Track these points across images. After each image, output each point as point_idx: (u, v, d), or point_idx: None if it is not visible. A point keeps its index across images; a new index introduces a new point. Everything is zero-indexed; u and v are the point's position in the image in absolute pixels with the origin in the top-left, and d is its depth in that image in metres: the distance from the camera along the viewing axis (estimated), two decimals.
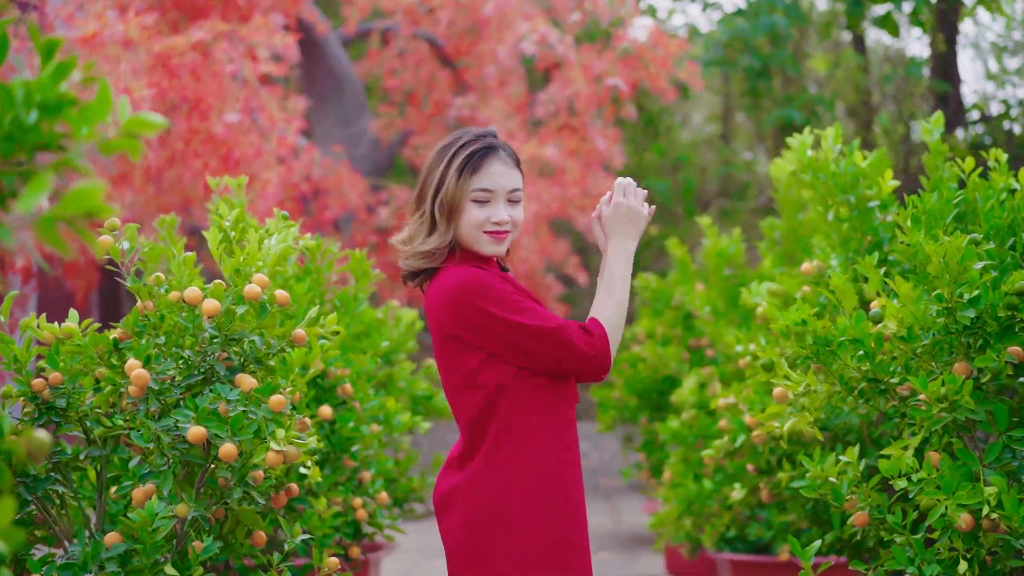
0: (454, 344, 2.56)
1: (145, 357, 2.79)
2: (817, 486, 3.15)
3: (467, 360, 2.54)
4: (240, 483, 2.83)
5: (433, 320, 2.58)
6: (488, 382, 2.53)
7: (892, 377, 3.08)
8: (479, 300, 2.51)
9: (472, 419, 2.56)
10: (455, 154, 2.60)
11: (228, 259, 3.05)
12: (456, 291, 2.53)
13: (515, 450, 2.52)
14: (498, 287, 2.54)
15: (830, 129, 4.21)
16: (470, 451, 2.56)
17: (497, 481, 2.51)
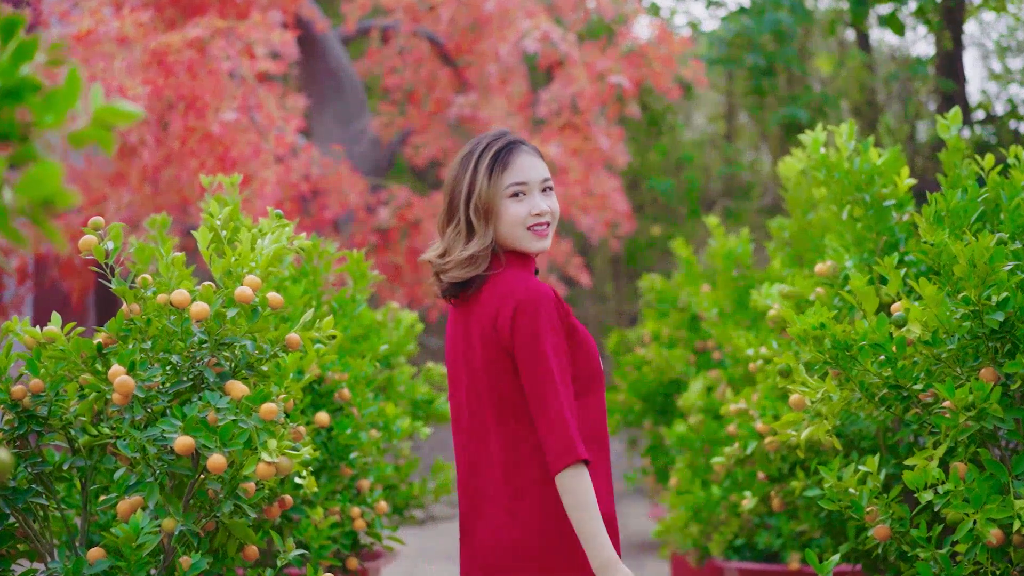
0: (510, 361, 2.48)
1: (130, 363, 2.64)
2: (836, 497, 3.00)
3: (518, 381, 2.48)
4: (230, 495, 2.69)
5: (492, 329, 2.49)
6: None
7: (915, 383, 2.93)
8: (538, 318, 2.45)
9: (521, 454, 2.48)
10: (480, 156, 2.54)
11: (219, 260, 2.91)
12: (524, 298, 2.46)
13: (536, 478, 2.48)
14: (555, 316, 2.47)
15: (844, 125, 4.07)
16: (517, 491, 2.47)
17: (556, 516, 2.45)
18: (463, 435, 2.57)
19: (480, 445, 2.52)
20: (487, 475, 2.51)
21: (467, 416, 2.55)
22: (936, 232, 2.94)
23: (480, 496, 2.52)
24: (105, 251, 2.82)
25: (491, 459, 2.50)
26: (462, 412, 2.57)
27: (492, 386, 2.49)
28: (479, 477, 2.53)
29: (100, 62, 7.56)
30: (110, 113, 1.45)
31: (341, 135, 10.63)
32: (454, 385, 2.61)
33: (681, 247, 7.09)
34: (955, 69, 13.47)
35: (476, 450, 2.53)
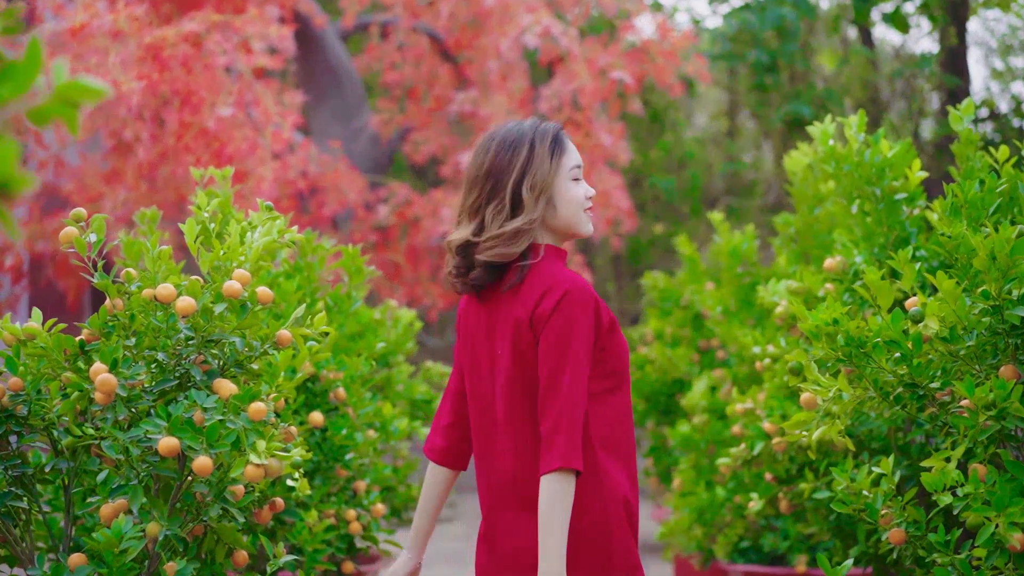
0: (534, 347, 2.46)
1: (112, 361, 2.53)
2: (849, 500, 2.88)
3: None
4: (218, 499, 2.57)
5: (528, 322, 2.43)
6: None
7: (932, 382, 2.82)
8: (580, 314, 2.41)
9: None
10: (538, 138, 2.51)
11: (206, 253, 2.79)
12: (569, 289, 2.42)
13: (600, 467, 2.45)
14: (592, 318, 2.44)
15: (853, 117, 3.95)
16: (534, 480, 2.43)
17: (599, 507, 2.44)
18: (495, 430, 2.50)
19: (518, 438, 2.46)
20: (529, 467, 2.45)
21: (502, 411, 2.47)
22: (954, 224, 2.82)
23: (526, 486, 2.45)
24: (87, 244, 2.70)
25: (530, 452, 2.45)
26: (490, 406, 2.51)
27: (526, 380, 2.45)
28: (524, 469, 2.46)
29: (93, 57, 7.45)
30: (74, 89, 1.33)
31: (340, 132, 10.52)
32: (476, 381, 2.54)
33: (684, 244, 6.98)
34: (960, 65, 13.36)
35: (513, 444, 2.47)
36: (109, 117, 7.93)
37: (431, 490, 2.67)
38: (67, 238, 2.69)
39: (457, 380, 2.65)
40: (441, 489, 2.67)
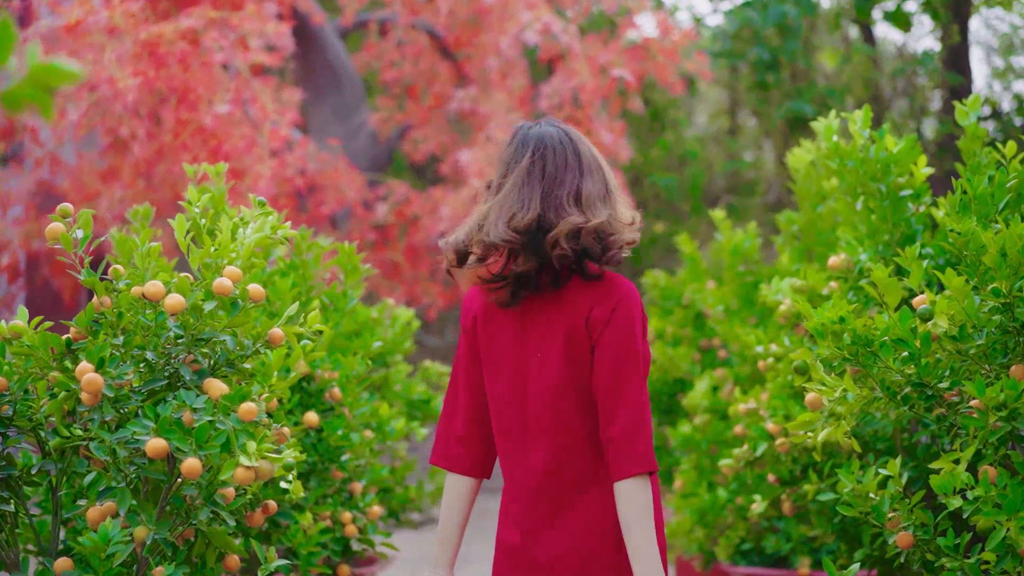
0: (590, 350, 2.41)
1: (99, 360, 2.46)
2: (855, 503, 2.81)
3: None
4: (208, 502, 2.50)
5: (584, 323, 2.38)
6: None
7: (941, 381, 2.75)
8: (637, 317, 2.40)
9: (594, 437, 2.41)
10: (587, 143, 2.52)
11: (197, 250, 2.72)
12: (626, 294, 2.40)
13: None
14: (645, 321, 2.47)
15: (858, 112, 3.88)
16: (586, 480, 2.41)
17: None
18: (525, 434, 2.44)
19: (556, 441, 2.41)
20: (575, 482, 2.41)
21: (538, 413, 2.42)
22: (963, 220, 2.75)
23: (568, 491, 2.41)
24: (74, 240, 2.63)
25: (585, 465, 2.41)
26: (519, 409, 2.45)
27: (578, 383, 2.39)
28: (566, 472, 2.41)
29: (89, 53, 7.38)
30: (48, 72, 1.26)
31: (339, 130, 10.45)
32: (499, 384, 2.47)
33: (685, 243, 6.91)
34: (961, 64, 13.29)
35: (549, 447, 2.41)
36: (105, 114, 7.86)
37: (457, 503, 2.52)
38: (53, 234, 2.63)
39: (469, 385, 2.53)
40: (467, 501, 2.53)
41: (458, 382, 2.54)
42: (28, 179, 8.25)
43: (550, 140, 2.47)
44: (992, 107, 14.40)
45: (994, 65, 16.28)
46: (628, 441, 2.31)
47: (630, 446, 2.31)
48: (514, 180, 2.44)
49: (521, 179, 2.43)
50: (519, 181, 2.43)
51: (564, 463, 2.40)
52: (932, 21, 13.76)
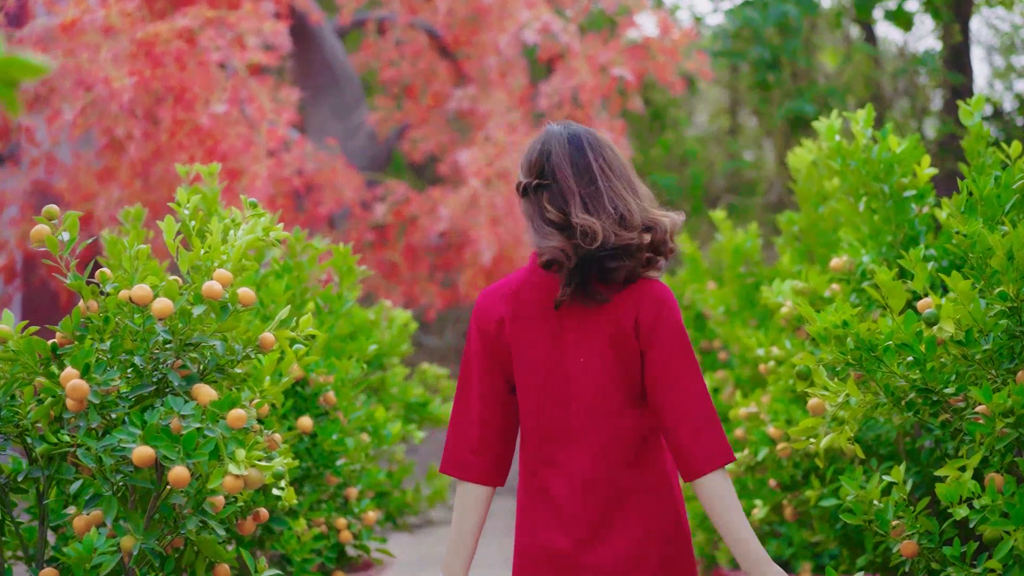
0: (640, 359, 2.39)
1: (84, 366, 2.40)
2: (859, 510, 2.76)
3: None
4: (196, 511, 2.45)
5: (633, 325, 2.37)
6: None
7: (946, 387, 2.69)
8: (680, 316, 2.40)
9: (638, 438, 2.40)
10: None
11: (186, 252, 2.66)
12: (667, 296, 2.39)
13: (666, 467, 2.43)
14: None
15: (860, 112, 3.82)
16: (635, 480, 2.39)
17: (673, 507, 2.41)
18: (567, 436, 2.40)
19: (604, 442, 2.38)
20: (623, 485, 2.39)
21: (584, 415, 2.38)
22: (969, 222, 2.69)
23: (618, 493, 2.39)
24: (60, 243, 2.57)
25: (631, 468, 2.39)
26: (557, 413, 2.40)
27: (628, 384, 2.37)
28: (620, 478, 2.39)
29: (85, 52, 7.32)
30: (12, 65, 1.20)
31: (337, 129, 10.39)
32: (531, 388, 2.42)
33: (686, 243, 6.85)
34: (963, 63, 13.23)
35: (596, 448, 2.38)
36: (102, 114, 7.80)
37: (472, 512, 2.44)
38: (39, 237, 2.57)
39: (484, 391, 2.45)
40: (481, 510, 2.45)
41: (471, 388, 2.45)
42: (24, 179, 8.19)
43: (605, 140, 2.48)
44: (994, 107, 14.34)
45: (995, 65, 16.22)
46: (705, 435, 2.31)
47: (709, 440, 2.31)
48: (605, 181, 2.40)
49: (615, 180, 2.41)
50: (607, 181, 2.40)
51: (612, 465, 2.38)
52: (933, 20, 13.70)
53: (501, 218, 8.95)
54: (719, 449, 2.30)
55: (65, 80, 7.45)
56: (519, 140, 9.20)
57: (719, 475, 2.30)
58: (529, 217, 2.41)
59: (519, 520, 2.47)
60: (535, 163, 2.42)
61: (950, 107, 13.49)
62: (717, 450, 2.30)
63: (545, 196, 2.38)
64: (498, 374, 2.43)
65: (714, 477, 2.29)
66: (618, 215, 2.33)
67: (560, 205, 2.35)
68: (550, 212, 2.35)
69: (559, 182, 2.37)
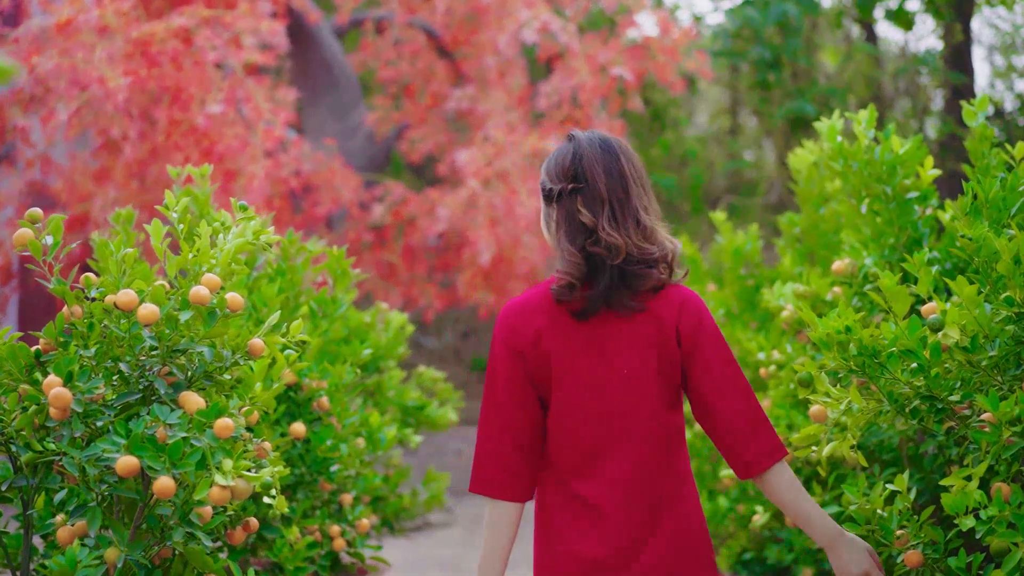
0: (680, 367, 2.44)
1: (67, 373, 2.34)
2: (863, 519, 2.70)
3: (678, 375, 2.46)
4: (183, 522, 2.39)
5: (674, 332, 2.42)
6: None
7: (951, 394, 2.63)
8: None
9: (672, 442, 2.44)
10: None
11: (173, 257, 2.60)
12: (700, 303, 2.46)
13: (689, 469, 2.49)
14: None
15: (863, 113, 3.76)
16: (668, 479, 2.42)
17: (699, 508, 2.48)
18: (623, 446, 2.40)
19: (645, 446, 2.41)
20: (662, 487, 2.42)
21: (633, 425, 2.40)
22: (975, 225, 2.63)
23: (659, 499, 2.41)
24: (43, 247, 2.51)
25: (667, 471, 2.43)
26: (600, 419, 2.41)
27: (670, 389, 2.42)
28: (658, 482, 2.42)
29: (79, 52, 7.26)
30: None
31: (335, 129, 10.32)
32: (569, 397, 2.42)
33: (685, 244, 6.78)
34: (964, 63, 13.17)
35: (638, 454, 2.40)
36: (97, 114, 7.74)
37: (506, 531, 2.43)
38: (21, 241, 2.50)
39: (515, 406, 2.43)
40: (515, 528, 2.44)
41: (502, 405, 2.43)
42: (19, 180, 8.14)
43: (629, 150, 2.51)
44: (995, 107, 14.27)
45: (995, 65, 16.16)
46: (762, 433, 2.39)
47: (766, 437, 2.39)
48: (632, 190, 2.44)
49: (633, 189, 2.45)
50: (631, 191, 2.44)
51: (651, 471, 2.40)
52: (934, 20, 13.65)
53: (500, 219, 8.89)
54: (776, 443, 2.39)
55: (60, 80, 7.39)
56: (518, 140, 9.14)
57: (781, 466, 2.39)
58: (556, 224, 2.41)
59: (542, 531, 2.46)
60: (568, 168, 2.42)
61: (951, 107, 13.43)
62: (775, 444, 2.39)
63: (579, 200, 2.39)
64: (529, 389, 2.43)
65: (777, 469, 2.38)
66: (641, 227, 2.39)
67: (595, 209, 2.38)
68: (584, 215, 2.37)
69: (591, 187, 2.39)
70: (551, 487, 2.44)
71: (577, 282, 2.35)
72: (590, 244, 2.36)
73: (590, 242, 2.36)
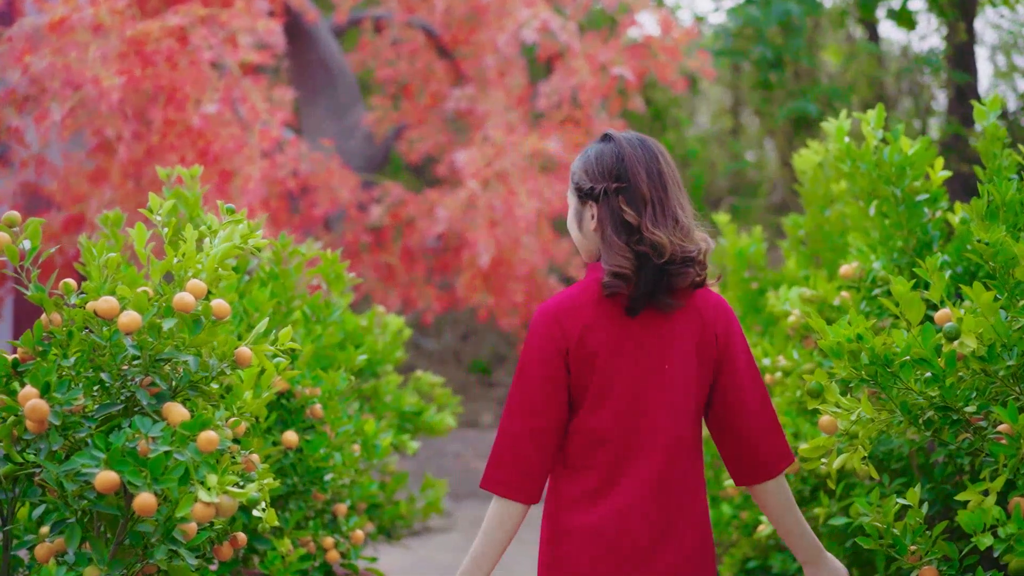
0: (713, 371, 2.50)
1: (44, 384, 2.23)
2: (876, 534, 2.59)
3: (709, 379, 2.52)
4: (166, 539, 2.28)
5: (713, 337, 2.48)
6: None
7: (967, 404, 2.52)
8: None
9: (696, 442, 2.50)
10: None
11: (157, 261, 2.50)
12: (729, 308, 2.55)
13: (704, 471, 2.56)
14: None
15: (871, 112, 3.65)
16: (693, 479, 2.47)
17: (708, 510, 2.56)
18: (654, 444, 2.43)
19: (681, 459, 2.46)
20: (687, 486, 2.46)
21: (667, 423, 2.43)
22: (992, 229, 2.53)
23: (681, 510, 2.45)
24: (21, 251, 2.41)
25: (693, 470, 2.48)
26: (633, 419, 2.44)
27: (699, 391, 2.47)
28: (682, 489, 2.46)
29: (73, 51, 7.16)
30: None
31: (333, 130, 10.22)
32: (606, 397, 2.44)
33: None
34: (968, 62, 13.07)
35: (676, 455, 2.45)
36: (92, 114, 7.64)
37: (510, 530, 2.46)
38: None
39: (549, 408, 2.43)
40: (517, 528, 2.48)
41: (535, 405, 2.43)
42: (13, 181, 8.03)
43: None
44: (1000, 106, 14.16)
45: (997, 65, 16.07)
46: (778, 437, 2.48)
47: (781, 441, 2.48)
48: (670, 189, 2.46)
49: (672, 188, 2.47)
50: (670, 190, 2.46)
51: (682, 469, 2.45)
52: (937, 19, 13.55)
53: (499, 220, 8.78)
54: (788, 449, 2.49)
55: (54, 80, 7.29)
56: (518, 140, 9.04)
57: (782, 476, 2.49)
58: (600, 221, 2.43)
59: (554, 527, 2.47)
60: (611, 167, 2.44)
61: (954, 107, 13.34)
62: (787, 450, 2.48)
63: (622, 199, 2.41)
64: (563, 391, 2.44)
65: (780, 478, 2.48)
66: (680, 226, 2.41)
67: (638, 208, 2.40)
68: (628, 214, 2.38)
69: (634, 187, 2.41)
70: (570, 483, 2.46)
71: (631, 273, 2.36)
72: (635, 243, 2.38)
73: (635, 240, 2.38)
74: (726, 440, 2.49)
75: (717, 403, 2.48)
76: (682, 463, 2.44)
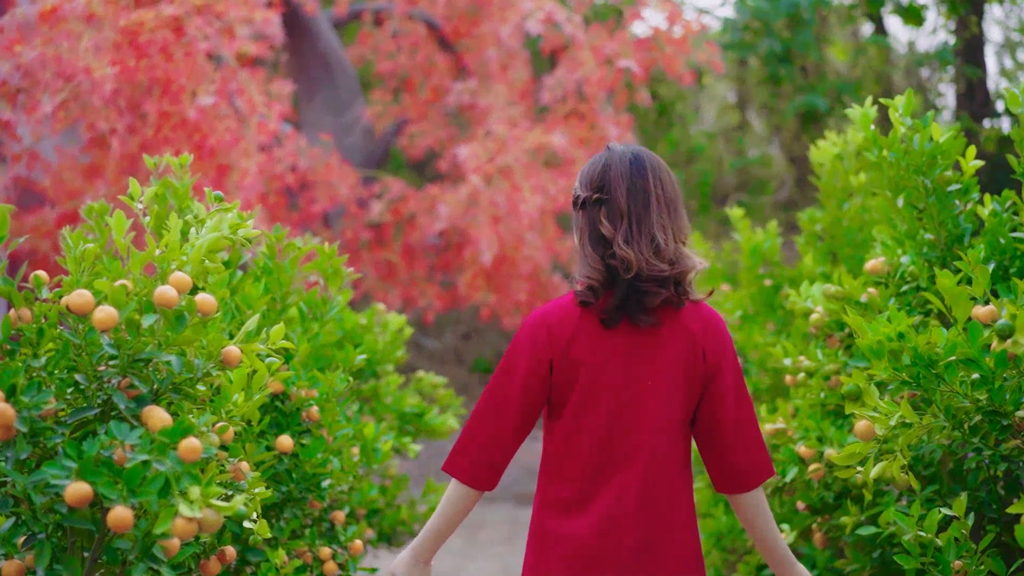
0: (703, 385, 2.52)
1: (9, 386, 2.03)
2: (917, 551, 2.39)
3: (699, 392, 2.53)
4: (144, 556, 2.08)
5: (702, 351, 2.49)
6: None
7: (1017, 408, 2.32)
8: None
9: (685, 455, 2.52)
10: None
11: (138, 253, 2.30)
12: (722, 323, 2.55)
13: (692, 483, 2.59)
14: None
15: (900, 98, 3.45)
16: (677, 492, 2.49)
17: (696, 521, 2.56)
18: (637, 456, 2.46)
19: (664, 471, 2.48)
20: (671, 499, 2.49)
21: (652, 436, 2.46)
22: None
23: (665, 522, 2.47)
24: None
25: (678, 482, 2.50)
26: (619, 427, 2.47)
27: (685, 404, 2.49)
28: (665, 501, 2.48)
29: (65, 41, 6.96)
30: None
31: (332, 124, 10.02)
32: (616, 407, 2.47)
33: (699, 243, 6.48)
34: (978, 57, 12.89)
35: (659, 468, 2.47)
36: (85, 107, 7.43)
37: (464, 511, 2.58)
38: None
39: (522, 410, 2.51)
40: (470, 509, 2.59)
41: (512, 399, 2.50)
42: (5, 176, 7.83)
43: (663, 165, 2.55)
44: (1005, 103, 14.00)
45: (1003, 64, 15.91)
46: (755, 453, 2.51)
47: (759, 458, 2.51)
48: (653, 206, 2.47)
49: (663, 205, 2.48)
50: (655, 207, 2.47)
51: (664, 483, 2.46)
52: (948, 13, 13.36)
53: (502, 216, 8.59)
54: (766, 465, 2.53)
55: (46, 71, 7.08)
56: (521, 135, 8.84)
57: (760, 489, 2.53)
58: (580, 231, 2.48)
59: (540, 535, 2.51)
60: (596, 178, 2.48)
61: (964, 102, 13.16)
62: (765, 466, 2.52)
63: (603, 211, 2.45)
64: (541, 393, 2.49)
65: (759, 491, 2.51)
66: (655, 245, 2.41)
67: (615, 222, 2.42)
68: (604, 227, 2.42)
69: (613, 200, 2.43)
70: (554, 491, 2.50)
71: (600, 287, 2.41)
72: (608, 256, 2.42)
73: (608, 254, 2.42)
74: (708, 453, 2.54)
75: (702, 418, 2.51)
76: (666, 475, 2.46)
